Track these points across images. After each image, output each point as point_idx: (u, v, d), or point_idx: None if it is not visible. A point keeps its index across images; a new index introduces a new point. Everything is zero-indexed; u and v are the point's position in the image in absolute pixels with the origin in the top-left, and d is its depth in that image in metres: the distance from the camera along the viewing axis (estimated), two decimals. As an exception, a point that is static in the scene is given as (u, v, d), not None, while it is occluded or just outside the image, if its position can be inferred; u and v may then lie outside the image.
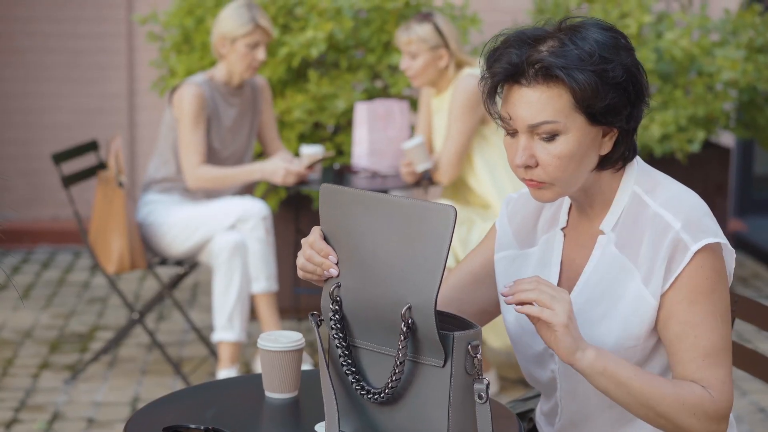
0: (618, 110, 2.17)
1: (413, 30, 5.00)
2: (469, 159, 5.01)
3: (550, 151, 2.16)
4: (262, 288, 4.97)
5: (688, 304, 2.16)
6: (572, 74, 2.12)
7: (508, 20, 7.36)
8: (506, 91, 2.19)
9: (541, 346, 2.31)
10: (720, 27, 6.39)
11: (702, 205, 2.23)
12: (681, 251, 2.16)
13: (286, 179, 5.00)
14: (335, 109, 5.78)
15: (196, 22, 5.89)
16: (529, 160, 2.18)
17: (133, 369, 5.27)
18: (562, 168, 2.17)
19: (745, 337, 5.75)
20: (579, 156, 2.17)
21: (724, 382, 2.16)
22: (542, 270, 2.34)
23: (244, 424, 2.20)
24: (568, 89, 2.14)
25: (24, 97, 7.65)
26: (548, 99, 2.14)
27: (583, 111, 2.15)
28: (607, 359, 2.11)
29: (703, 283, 2.16)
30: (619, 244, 2.23)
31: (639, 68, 2.20)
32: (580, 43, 2.15)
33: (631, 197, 2.24)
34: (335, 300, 2.11)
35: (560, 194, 2.22)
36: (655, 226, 2.19)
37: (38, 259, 7.24)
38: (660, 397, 2.12)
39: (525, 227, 2.39)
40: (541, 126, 2.15)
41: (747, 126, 6.61)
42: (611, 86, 2.14)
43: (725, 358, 2.17)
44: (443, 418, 2.02)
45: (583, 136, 2.17)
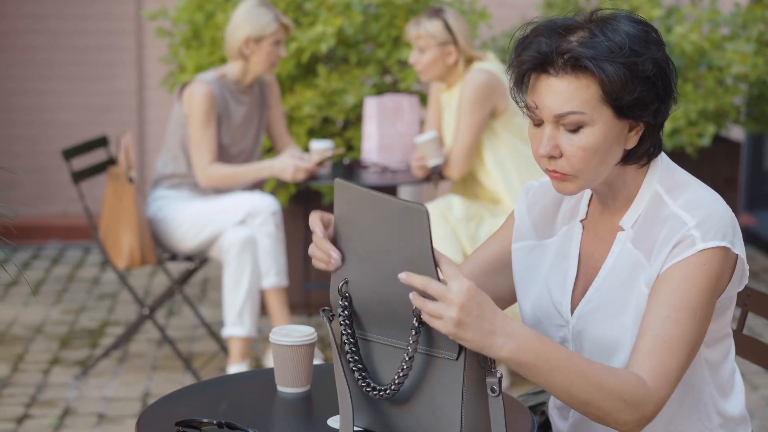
0: (646, 104, 2.14)
1: (422, 25, 5.00)
2: (479, 153, 5.01)
3: (575, 142, 2.14)
4: (272, 283, 4.97)
5: (676, 289, 2.12)
6: (601, 65, 2.10)
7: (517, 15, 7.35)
8: (533, 81, 2.17)
9: (558, 338, 2.30)
10: (730, 21, 6.38)
11: (726, 212, 2.18)
12: (687, 245, 2.13)
13: (295, 176, 5.00)
14: (345, 104, 5.77)
15: (205, 17, 5.89)
16: (554, 150, 2.15)
17: (143, 364, 5.27)
18: (587, 160, 2.15)
19: (756, 331, 5.74)
20: (604, 149, 2.15)
21: (667, 374, 2.08)
22: (560, 262, 2.32)
23: (256, 418, 2.20)
24: (597, 80, 2.11)
25: (33, 95, 7.65)
26: (576, 89, 2.12)
27: (610, 104, 2.13)
28: (525, 352, 2.00)
29: (701, 279, 2.12)
30: (636, 241, 2.21)
31: (669, 63, 2.17)
32: (611, 35, 2.12)
33: (653, 195, 2.22)
34: (344, 296, 2.10)
35: (583, 187, 2.19)
36: (671, 224, 2.17)
37: (48, 255, 7.25)
38: (585, 386, 2.03)
39: (544, 217, 2.37)
40: (568, 116, 2.13)
41: (757, 120, 6.60)
42: (640, 80, 2.12)
43: (682, 354, 2.10)
44: (456, 411, 2.02)
45: (609, 129, 2.14)
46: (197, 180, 5.05)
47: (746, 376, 5.14)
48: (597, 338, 2.23)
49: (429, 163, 5.02)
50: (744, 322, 2.79)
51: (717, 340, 2.27)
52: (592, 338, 2.24)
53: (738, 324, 2.80)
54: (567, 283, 2.30)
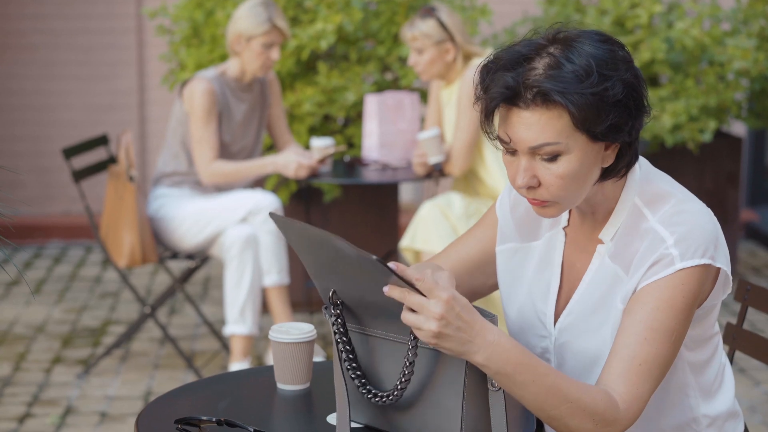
0: (619, 127, 2.11)
1: (417, 26, 5.00)
2: (479, 150, 5.01)
3: (552, 171, 2.11)
4: (274, 281, 4.97)
5: (653, 309, 2.10)
6: (571, 98, 2.06)
7: (518, 11, 7.34)
8: (504, 112, 2.13)
9: (540, 348, 2.30)
10: (731, 16, 6.37)
11: (707, 225, 2.15)
12: (665, 264, 2.11)
13: (298, 172, 5.00)
14: (345, 101, 5.77)
15: (205, 15, 5.88)
16: (531, 180, 2.12)
17: (145, 363, 5.27)
18: (565, 187, 2.12)
19: (757, 326, 5.74)
20: (583, 174, 2.12)
21: (640, 397, 2.07)
22: (544, 270, 2.31)
23: (256, 415, 2.20)
24: (568, 112, 2.08)
25: (35, 94, 7.65)
26: (548, 120, 2.08)
27: (584, 131, 2.09)
28: (501, 364, 1.99)
29: (678, 300, 2.10)
30: (614, 256, 2.20)
31: (638, 79, 2.13)
32: (577, 60, 2.07)
33: (632, 209, 2.20)
34: (336, 304, 2.10)
35: (564, 210, 2.17)
36: (650, 240, 2.14)
37: (50, 254, 7.25)
38: (557, 403, 2.03)
39: (528, 218, 2.35)
40: (543, 148, 2.09)
41: (759, 115, 6.59)
42: (611, 105, 2.08)
43: (657, 376, 2.09)
44: (457, 405, 2.02)
45: (586, 154, 2.11)
46: (200, 177, 5.05)
47: (747, 372, 5.14)
48: (578, 351, 2.23)
49: (430, 160, 5.02)
50: (744, 317, 2.79)
51: (701, 342, 2.26)
52: (574, 351, 2.23)
53: (738, 319, 2.79)
54: (551, 293, 2.29)
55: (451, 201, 4.97)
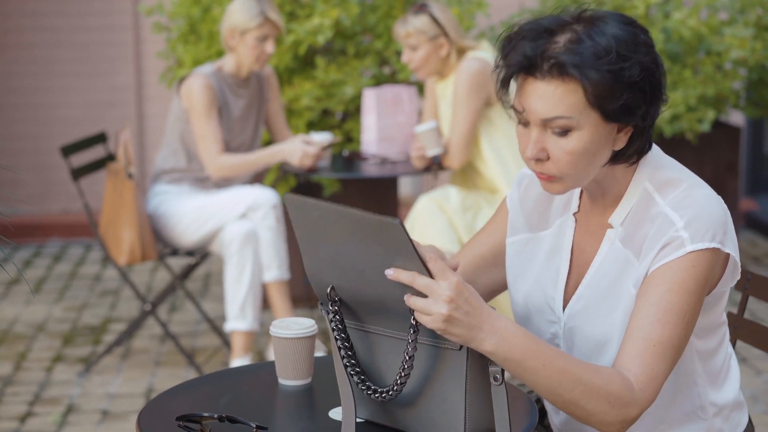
0: (632, 110, 2.11)
1: (410, 23, 5.00)
2: (476, 142, 5.01)
3: (562, 146, 2.12)
4: (274, 276, 4.97)
5: (666, 291, 2.10)
6: (586, 73, 2.07)
7: (515, 4, 7.34)
8: (520, 82, 2.14)
9: (549, 333, 2.30)
10: (728, 5, 6.37)
11: (716, 210, 2.15)
12: (675, 246, 2.11)
13: (303, 161, 5.00)
14: (343, 95, 5.76)
15: (202, 11, 5.88)
16: (540, 153, 2.14)
17: (146, 360, 5.27)
18: (573, 164, 2.13)
19: (758, 315, 5.74)
20: (592, 152, 2.13)
21: (655, 378, 2.08)
22: (553, 257, 2.31)
23: (257, 411, 2.19)
24: (582, 87, 2.09)
25: (34, 92, 7.65)
26: (563, 94, 2.09)
27: (597, 108, 2.10)
28: (511, 350, 1.99)
29: (690, 282, 2.11)
30: (624, 240, 2.20)
31: (658, 65, 2.14)
32: (597, 39, 2.09)
33: (642, 193, 2.21)
34: (334, 300, 2.09)
35: (570, 188, 2.18)
36: (660, 223, 2.15)
37: (50, 253, 7.25)
38: (571, 386, 2.03)
39: (538, 209, 2.36)
40: (555, 121, 2.11)
41: (757, 105, 6.59)
42: (626, 86, 2.09)
43: (672, 357, 2.10)
44: (460, 400, 2.02)
45: (597, 132, 2.12)
46: (208, 172, 5.05)
47: (749, 361, 5.14)
48: (587, 336, 2.22)
49: (428, 153, 5.01)
50: (745, 307, 2.79)
51: (710, 331, 2.26)
52: (583, 336, 2.23)
53: (739, 308, 2.79)
54: (560, 278, 2.29)
55: (448, 194, 4.97)
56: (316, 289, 2.12)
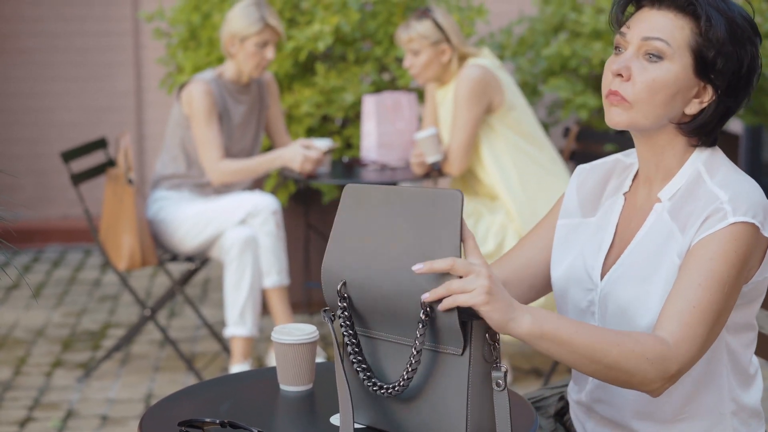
0: (724, 73, 2.18)
1: (413, 28, 5.00)
2: (476, 149, 5.01)
3: (648, 70, 2.18)
4: (274, 282, 4.97)
5: (708, 260, 2.13)
6: (710, 13, 2.16)
7: (514, 11, 7.35)
8: (635, 11, 2.24)
9: (586, 301, 2.32)
10: (727, 13, 6.37)
11: (761, 196, 2.20)
12: (718, 218, 2.15)
13: (304, 166, 5.01)
14: (343, 102, 5.77)
15: (202, 18, 5.88)
16: (625, 70, 2.19)
17: (145, 366, 5.27)
18: (650, 92, 2.19)
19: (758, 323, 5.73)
20: (670, 92, 2.19)
21: (694, 339, 2.10)
22: (598, 232, 2.35)
23: (259, 417, 2.20)
24: (696, 26, 2.18)
25: (32, 97, 7.66)
26: (672, 25, 2.18)
27: (695, 53, 2.18)
28: (545, 321, 2.03)
29: (731, 254, 2.13)
30: (672, 213, 2.24)
31: (758, 61, 2.21)
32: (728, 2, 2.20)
33: (694, 173, 2.25)
34: (343, 297, 2.10)
35: (632, 122, 2.21)
36: (705, 198, 2.19)
37: (49, 258, 7.25)
38: (607, 348, 2.06)
39: (591, 195, 2.41)
40: (654, 41, 2.18)
41: (755, 112, 6.59)
42: (735, 47, 2.17)
43: (708, 322, 2.11)
44: (462, 406, 2.02)
45: (683, 76, 2.19)
46: (210, 178, 5.05)
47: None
48: (621, 301, 2.25)
49: (428, 160, 5.02)
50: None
51: (739, 329, 2.28)
52: (617, 300, 2.26)
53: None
54: (601, 250, 2.33)
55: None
56: (326, 288, 2.13)
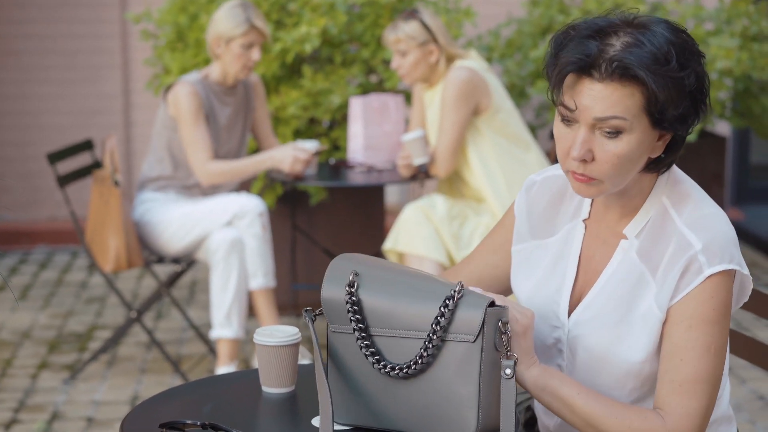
0: (686, 119, 2.12)
1: (400, 28, 5.01)
2: (463, 151, 5.02)
3: (610, 148, 2.11)
4: (260, 284, 4.97)
5: (686, 328, 2.12)
6: (652, 78, 2.06)
7: (502, 12, 7.36)
8: (572, 80, 2.12)
9: (552, 338, 2.30)
10: (714, 16, 6.39)
11: (729, 230, 2.18)
12: (694, 272, 2.12)
13: (294, 167, 5.00)
14: (330, 104, 5.77)
15: (189, 19, 5.88)
16: (587, 154, 2.11)
17: (132, 368, 5.27)
18: (618, 167, 2.11)
19: (743, 325, 5.75)
20: (636, 157, 2.12)
21: (689, 414, 2.11)
22: (559, 262, 2.30)
23: (241, 419, 2.20)
24: (643, 91, 2.08)
25: (20, 99, 7.64)
26: (621, 96, 2.08)
27: (650, 114, 2.10)
28: (551, 377, 2.12)
29: (710, 313, 2.12)
30: (641, 253, 2.20)
31: (706, 76, 2.14)
32: (656, 43, 2.08)
33: (659, 208, 2.21)
34: (351, 284, 2.12)
35: (605, 192, 2.16)
36: (678, 243, 2.15)
37: (36, 260, 7.24)
38: (604, 418, 2.10)
39: (545, 215, 2.35)
40: (609, 121, 2.09)
41: (743, 115, 6.61)
42: (686, 95, 2.10)
43: (703, 391, 2.12)
44: (472, 393, 2.03)
45: (644, 138, 2.11)
46: (198, 179, 5.05)
47: (734, 370, 5.15)
48: (591, 347, 2.22)
49: (414, 162, 5.02)
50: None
51: None
52: (587, 346, 2.23)
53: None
54: (566, 284, 2.29)
55: (435, 203, 4.98)
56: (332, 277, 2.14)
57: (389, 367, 2.09)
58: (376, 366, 2.09)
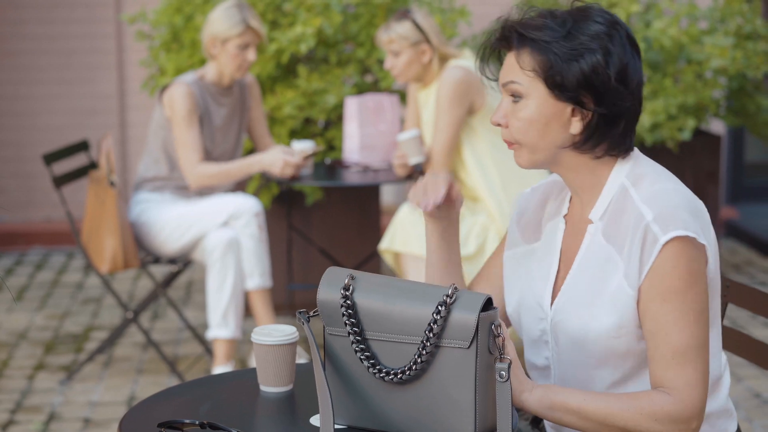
0: (573, 90, 2.22)
1: (393, 29, 5.02)
2: (458, 150, 5.02)
3: (515, 111, 2.27)
4: (257, 284, 4.97)
5: (660, 302, 2.18)
6: (542, 44, 2.22)
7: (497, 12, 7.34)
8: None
9: (538, 330, 2.35)
10: (708, 15, 6.40)
11: (684, 202, 2.22)
12: (650, 243, 2.18)
13: (284, 170, 5.00)
14: (325, 104, 5.78)
15: (184, 19, 5.88)
16: (502, 119, 2.29)
17: (128, 368, 5.27)
18: (524, 130, 2.26)
19: (738, 323, 5.76)
20: (541, 123, 2.25)
21: (689, 383, 2.16)
22: (545, 258, 2.38)
23: (239, 418, 2.20)
24: (537, 57, 2.23)
25: (16, 100, 7.64)
26: (516, 63, 2.26)
27: (544, 80, 2.24)
28: (554, 393, 2.15)
29: (676, 282, 2.17)
30: (606, 234, 2.27)
31: (613, 59, 2.22)
32: (558, 14, 2.25)
33: (620, 188, 2.27)
34: (347, 288, 2.12)
35: (531, 159, 2.29)
36: (635, 219, 2.22)
37: (32, 261, 7.24)
38: (617, 413, 2.15)
39: (532, 221, 2.44)
40: (509, 85, 2.27)
41: (737, 113, 6.62)
42: (579, 68, 2.21)
43: (695, 357, 2.16)
44: (468, 398, 2.04)
45: (545, 104, 2.24)
46: (187, 181, 5.05)
47: (730, 368, 5.15)
48: (570, 330, 2.28)
49: (410, 161, 5.03)
50: (724, 313, 2.80)
51: None
52: (566, 330, 2.29)
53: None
54: (549, 277, 2.36)
55: (431, 203, 4.98)
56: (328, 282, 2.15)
57: (384, 371, 2.09)
58: (371, 370, 2.10)
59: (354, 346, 2.11)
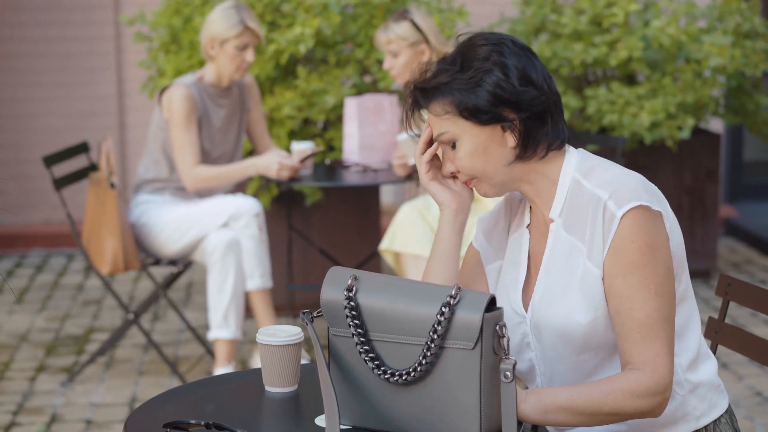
0: (485, 111, 2.29)
1: (391, 29, 5.03)
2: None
3: (457, 155, 2.35)
4: (257, 285, 4.98)
5: (622, 278, 2.24)
6: (443, 92, 2.30)
7: (495, 12, 7.37)
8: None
9: (519, 334, 2.40)
10: (707, 13, 6.41)
11: (636, 179, 2.30)
12: (609, 219, 2.25)
13: (280, 173, 5.01)
14: (325, 104, 5.78)
15: (183, 21, 5.88)
16: (451, 168, 2.38)
17: (129, 370, 5.27)
18: (470, 165, 2.34)
19: (739, 321, 5.77)
20: (480, 152, 2.33)
21: (658, 354, 2.21)
22: (512, 267, 2.43)
23: (244, 418, 2.21)
24: (447, 100, 2.31)
25: (15, 102, 7.64)
26: (437, 114, 2.34)
27: (462, 115, 2.30)
28: (543, 396, 2.17)
29: (636, 256, 2.23)
30: (567, 227, 2.33)
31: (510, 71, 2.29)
32: (449, 58, 2.33)
33: (572, 183, 2.34)
34: (350, 289, 2.13)
35: (492, 187, 2.37)
36: (593, 204, 2.28)
37: (32, 263, 7.24)
38: (603, 399, 2.18)
39: (499, 238, 2.50)
40: (439, 138, 2.35)
41: (736, 112, 6.62)
42: (485, 93, 2.29)
43: (661, 330, 2.22)
44: (474, 399, 2.05)
45: (474, 136, 2.32)
46: (184, 183, 5.05)
47: (730, 366, 5.17)
48: (551, 323, 2.33)
49: (410, 161, 5.03)
50: (725, 312, 2.81)
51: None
52: (547, 324, 2.34)
53: (719, 314, 2.82)
54: (518, 282, 2.41)
55: (430, 203, 4.99)
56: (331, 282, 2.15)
57: (389, 373, 2.10)
58: (375, 371, 2.11)
59: (358, 347, 2.12)
